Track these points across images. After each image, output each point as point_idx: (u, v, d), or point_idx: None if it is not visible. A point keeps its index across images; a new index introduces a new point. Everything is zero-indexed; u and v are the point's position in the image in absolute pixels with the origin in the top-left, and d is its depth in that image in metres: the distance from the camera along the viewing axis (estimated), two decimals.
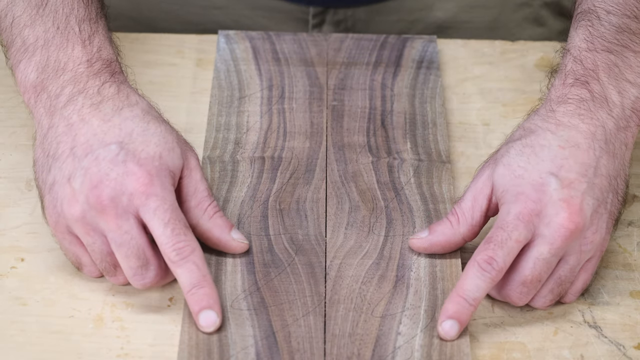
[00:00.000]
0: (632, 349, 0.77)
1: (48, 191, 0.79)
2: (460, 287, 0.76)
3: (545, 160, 0.79)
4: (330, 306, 0.77)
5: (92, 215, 0.77)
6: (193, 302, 0.76)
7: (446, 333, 0.75)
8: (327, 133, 0.93)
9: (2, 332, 0.77)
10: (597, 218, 0.78)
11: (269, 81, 0.98)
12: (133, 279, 0.78)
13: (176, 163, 0.80)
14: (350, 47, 1.02)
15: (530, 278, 0.77)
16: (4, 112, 0.95)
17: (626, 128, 0.81)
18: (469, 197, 0.81)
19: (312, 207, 0.85)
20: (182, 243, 0.76)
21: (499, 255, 0.76)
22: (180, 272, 0.76)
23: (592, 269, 0.80)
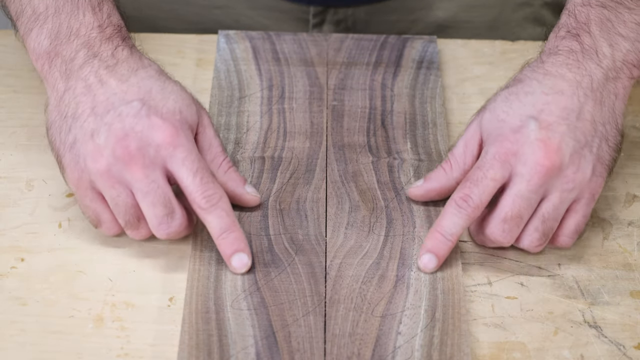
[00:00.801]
0: (632, 349, 0.77)
1: (69, 150, 0.81)
2: (439, 224, 0.81)
3: (527, 105, 0.82)
4: (330, 306, 0.77)
5: (118, 167, 0.79)
6: (225, 246, 0.80)
7: (424, 266, 0.80)
8: (327, 133, 0.93)
9: (2, 332, 0.77)
10: (579, 158, 0.80)
11: (269, 81, 0.98)
12: (159, 228, 0.80)
13: (194, 118, 0.83)
14: (350, 47, 1.02)
15: (510, 214, 0.80)
16: (4, 112, 0.95)
17: (616, 79, 0.83)
18: (461, 144, 0.85)
19: (312, 207, 0.85)
20: (210, 191, 0.79)
21: (474, 192, 0.80)
22: (211, 219, 0.79)
23: (583, 211, 0.82)
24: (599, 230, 0.86)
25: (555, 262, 0.83)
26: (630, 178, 0.91)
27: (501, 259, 0.83)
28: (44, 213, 0.86)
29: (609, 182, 0.90)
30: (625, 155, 0.93)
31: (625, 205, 0.89)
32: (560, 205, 0.81)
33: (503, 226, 0.80)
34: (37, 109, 0.95)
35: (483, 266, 0.83)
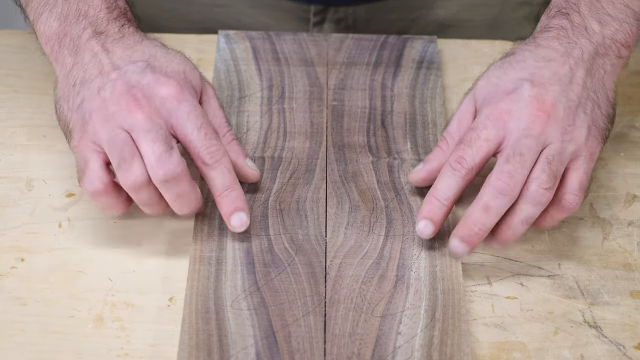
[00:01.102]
0: (632, 349, 0.77)
1: (76, 111, 0.82)
2: (434, 188, 0.81)
3: (520, 70, 0.84)
4: (330, 306, 0.77)
5: (122, 115, 0.80)
6: (225, 204, 0.80)
7: (421, 232, 0.80)
8: (327, 133, 0.93)
9: (2, 332, 0.77)
10: (574, 116, 0.81)
11: (269, 81, 0.98)
12: (156, 165, 0.78)
13: (198, 82, 0.85)
14: (350, 47, 1.02)
15: (512, 153, 0.79)
16: (4, 112, 0.95)
17: (605, 55, 0.85)
18: (454, 120, 0.86)
19: (312, 207, 0.85)
20: (214, 147, 0.80)
21: (468, 153, 0.80)
22: (214, 175, 0.80)
23: (583, 168, 0.81)
24: (599, 230, 0.86)
25: (555, 262, 0.83)
26: (630, 178, 0.91)
27: (501, 259, 0.83)
28: (44, 213, 0.86)
29: (608, 182, 0.90)
30: (625, 155, 0.93)
31: (625, 205, 0.89)
32: (561, 151, 0.80)
33: (507, 167, 0.78)
34: (37, 109, 0.95)
35: (483, 266, 0.83)
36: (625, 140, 0.95)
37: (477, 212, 0.79)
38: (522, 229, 0.79)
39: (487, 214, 0.78)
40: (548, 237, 0.85)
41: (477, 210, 0.79)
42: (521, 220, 0.79)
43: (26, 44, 1.02)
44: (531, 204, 0.79)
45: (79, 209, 0.86)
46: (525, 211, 0.79)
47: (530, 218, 0.79)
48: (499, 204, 0.78)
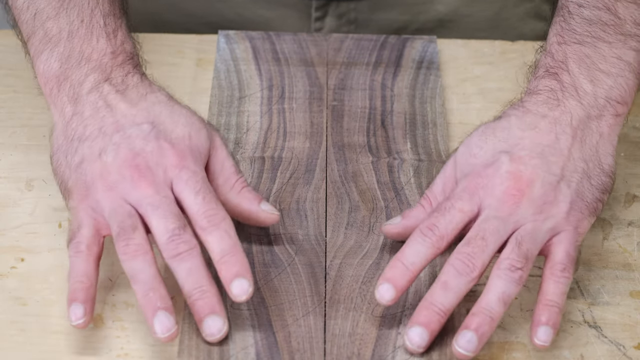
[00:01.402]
0: (632, 349, 0.77)
1: (75, 170, 0.79)
2: (401, 252, 0.76)
3: (502, 140, 0.80)
4: (330, 306, 0.77)
5: (126, 187, 0.77)
6: (225, 270, 0.75)
7: (381, 296, 0.75)
8: (327, 133, 0.93)
9: (2, 332, 0.77)
10: (554, 191, 0.78)
11: (269, 81, 0.98)
12: (169, 243, 0.75)
13: (204, 143, 0.81)
14: (350, 47, 1.02)
15: (474, 235, 0.76)
16: (4, 112, 0.95)
17: (599, 117, 0.81)
18: (439, 181, 0.82)
19: (312, 207, 0.85)
20: (213, 210, 0.76)
21: (440, 222, 0.77)
22: (211, 239, 0.76)
23: (568, 240, 0.77)
24: (599, 230, 0.86)
25: None
26: (630, 178, 0.91)
27: None
28: (44, 213, 0.86)
29: None
30: (625, 155, 0.93)
31: (625, 205, 0.89)
32: (534, 231, 0.76)
33: (467, 249, 0.75)
34: (37, 109, 0.95)
35: None
36: (625, 140, 0.95)
37: (437, 291, 0.75)
38: (499, 308, 0.74)
39: (446, 292, 0.74)
40: None
41: (436, 289, 0.75)
42: (497, 298, 0.74)
43: None
44: (503, 280, 0.74)
45: None
46: (500, 287, 0.74)
47: (506, 295, 0.74)
48: (458, 283, 0.74)
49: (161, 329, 0.73)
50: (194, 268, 0.75)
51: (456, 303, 0.74)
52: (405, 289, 0.75)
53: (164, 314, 0.73)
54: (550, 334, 0.74)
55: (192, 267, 0.75)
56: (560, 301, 0.75)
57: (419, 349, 0.74)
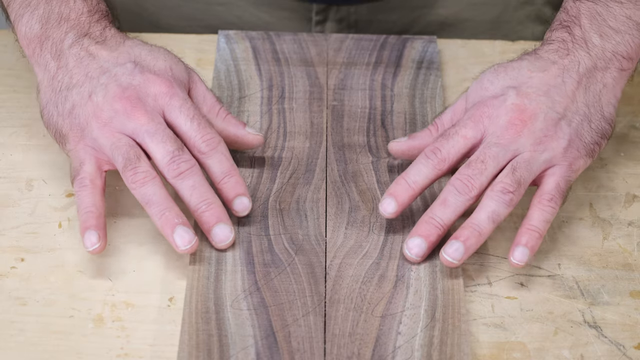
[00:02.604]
0: (632, 349, 0.77)
1: (67, 116, 0.84)
2: (405, 172, 0.83)
3: (512, 78, 0.86)
4: (330, 306, 0.77)
5: (120, 119, 0.82)
6: (227, 190, 0.82)
7: (384, 209, 0.82)
8: (327, 133, 0.93)
9: (2, 332, 0.77)
10: (554, 127, 0.83)
11: (269, 81, 0.98)
12: (170, 164, 0.80)
13: (184, 75, 0.87)
14: (350, 47, 1.02)
15: (475, 158, 0.82)
16: (4, 112, 0.95)
17: (605, 69, 0.86)
18: (449, 111, 0.89)
19: (312, 207, 0.85)
20: (209, 135, 0.83)
21: (444, 146, 0.83)
22: (211, 163, 0.82)
23: (560, 173, 0.83)
24: (599, 230, 0.86)
25: (555, 262, 0.83)
26: (630, 178, 0.91)
27: (501, 259, 0.83)
28: (44, 213, 0.86)
29: (608, 182, 0.90)
30: (625, 155, 0.93)
31: (625, 205, 0.89)
32: (530, 160, 0.82)
33: (467, 171, 0.81)
34: (37, 109, 0.95)
35: (483, 266, 0.83)
36: (625, 140, 0.95)
37: (436, 206, 0.81)
38: (487, 225, 0.80)
39: (445, 207, 0.81)
40: (548, 237, 0.85)
41: (436, 204, 0.81)
42: (487, 216, 0.80)
43: None
44: (495, 201, 0.80)
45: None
46: (490, 207, 0.80)
47: (495, 214, 0.80)
48: (456, 200, 0.81)
49: (182, 242, 0.78)
50: (197, 184, 0.81)
51: (454, 219, 0.81)
52: (406, 204, 0.82)
53: (183, 228, 0.79)
54: (526, 255, 0.80)
55: (195, 183, 0.81)
56: (542, 228, 0.81)
57: (417, 258, 0.80)
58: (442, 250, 0.79)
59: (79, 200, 0.81)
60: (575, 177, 0.84)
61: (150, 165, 0.81)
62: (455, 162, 0.83)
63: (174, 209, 0.80)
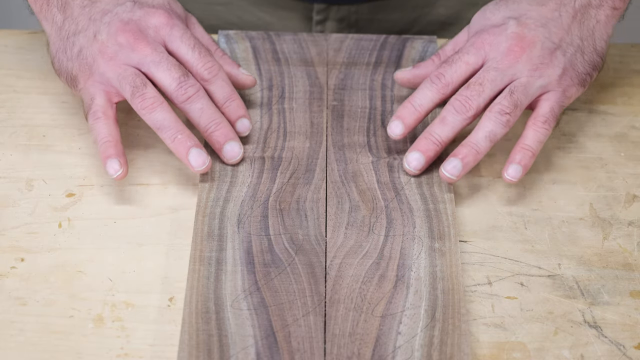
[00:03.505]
0: (632, 349, 0.77)
1: (76, 59, 0.88)
2: (411, 96, 0.89)
3: (512, 10, 0.91)
4: (330, 306, 0.77)
5: (125, 52, 0.86)
6: (229, 113, 0.89)
7: (392, 131, 0.89)
8: (327, 133, 0.93)
9: (2, 332, 0.77)
10: (550, 55, 0.88)
11: (269, 81, 0.98)
12: (178, 89, 0.85)
13: (182, 12, 0.92)
14: (350, 47, 1.02)
15: (474, 80, 0.87)
16: (4, 112, 0.95)
17: (599, 7, 0.91)
18: (451, 42, 0.95)
19: (312, 207, 0.85)
20: (210, 63, 0.88)
21: (447, 71, 0.89)
22: (214, 89, 0.88)
23: (554, 98, 0.88)
24: (599, 230, 0.86)
25: (555, 262, 0.83)
26: (630, 178, 0.91)
27: (501, 259, 0.83)
28: (44, 213, 0.86)
29: (608, 182, 0.90)
30: (625, 155, 0.93)
31: (625, 205, 0.89)
32: (527, 84, 0.87)
33: (466, 92, 0.87)
34: (37, 109, 0.95)
35: (483, 266, 0.83)
36: (625, 140, 0.95)
37: (435, 124, 0.87)
38: (485, 144, 0.86)
39: (443, 125, 0.86)
40: (548, 237, 0.85)
41: (435, 122, 0.87)
42: (485, 135, 0.85)
43: (25, 44, 1.02)
44: (492, 122, 0.85)
45: (79, 209, 0.86)
46: (488, 127, 0.86)
47: (492, 134, 0.86)
48: (454, 119, 0.86)
49: (197, 164, 0.84)
50: (205, 106, 0.86)
51: (451, 137, 0.87)
52: (412, 126, 0.89)
53: (196, 150, 0.84)
54: (520, 172, 0.86)
55: (202, 106, 0.86)
56: (535, 147, 0.87)
57: (415, 171, 0.87)
58: (442, 167, 0.85)
59: (95, 132, 0.85)
60: (567, 104, 0.90)
61: (157, 91, 0.85)
62: (458, 87, 0.89)
63: (185, 132, 0.85)
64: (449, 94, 0.89)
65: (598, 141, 0.94)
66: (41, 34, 1.03)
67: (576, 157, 0.93)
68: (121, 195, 0.87)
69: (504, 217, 0.87)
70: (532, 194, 0.89)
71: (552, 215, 0.87)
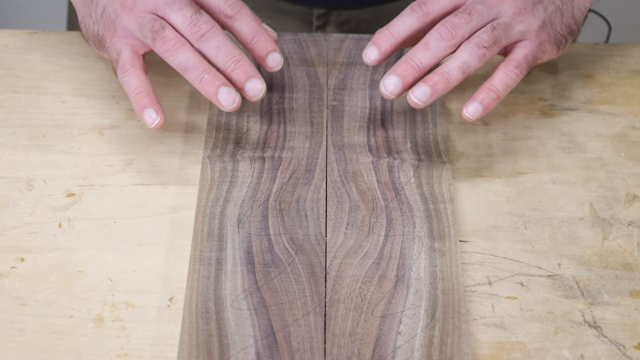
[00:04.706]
0: (632, 349, 0.77)
1: (101, 19, 0.88)
2: (390, 23, 0.88)
3: None
4: (330, 306, 0.77)
5: (142, 1, 0.86)
6: (259, 48, 0.88)
7: (366, 56, 0.88)
8: (327, 133, 0.93)
9: (2, 332, 0.77)
10: (534, 6, 0.88)
11: (269, 81, 0.98)
12: (191, 25, 0.84)
13: None
14: (350, 47, 1.02)
15: (462, 10, 0.86)
16: (4, 112, 0.95)
17: None
18: None
19: (312, 207, 0.85)
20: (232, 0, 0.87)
21: (429, 0, 0.88)
22: (239, 25, 0.87)
23: (530, 47, 0.88)
24: (599, 230, 0.86)
25: (555, 262, 0.83)
26: (630, 178, 0.91)
27: (501, 259, 0.83)
28: (44, 213, 0.86)
29: (608, 182, 0.90)
30: (625, 155, 0.93)
31: (625, 205, 0.89)
32: (509, 25, 0.87)
33: (453, 19, 0.86)
34: (37, 109, 0.95)
35: (483, 266, 0.83)
36: (625, 140, 0.95)
37: (417, 49, 0.86)
38: (457, 74, 0.85)
39: (425, 51, 0.86)
40: (548, 237, 0.85)
41: (418, 47, 0.86)
42: (458, 65, 0.85)
43: (25, 44, 1.02)
44: (468, 53, 0.85)
45: (79, 209, 0.86)
46: (463, 57, 0.85)
47: (466, 65, 0.85)
48: (438, 45, 0.86)
49: (227, 102, 0.84)
50: (221, 44, 0.85)
51: (432, 63, 0.86)
52: (388, 52, 0.88)
53: (225, 89, 0.84)
54: (479, 111, 0.86)
55: (219, 43, 0.85)
56: (501, 90, 0.86)
57: (392, 96, 0.87)
58: (410, 92, 0.86)
59: (125, 85, 0.85)
60: (542, 59, 0.90)
61: (176, 33, 0.85)
62: (438, 18, 0.87)
63: (212, 71, 0.84)
64: (428, 23, 0.88)
65: (598, 141, 0.94)
66: (41, 34, 1.03)
67: (576, 157, 0.93)
68: (121, 195, 0.87)
69: (504, 217, 0.87)
70: (532, 194, 0.89)
71: (552, 215, 0.87)
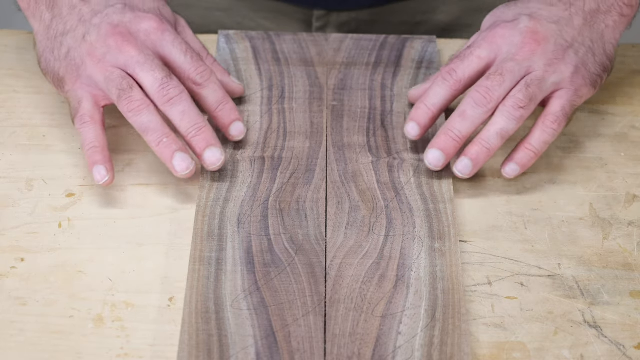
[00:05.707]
0: (632, 349, 0.77)
1: (64, 59, 0.87)
2: (424, 95, 0.89)
3: (523, 8, 0.91)
4: (330, 306, 0.77)
5: (113, 54, 0.85)
6: (223, 117, 0.88)
7: (408, 132, 0.88)
8: (327, 133, 0.93)
9: (2, 332, 0.77)
10: (563, 53, 0.88)
11: (269, 81, 0.98)
12: (160, 91, 0.84)
13: (171, 16, 0.92)
14: (350, 47, 1.02)
15: (494, 71, 0.86)
16: (4, 112, 0.95)
17: (607, 12, 0.91)
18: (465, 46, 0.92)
19: (312, 207, 0.85)
20: (202, 67, 0.87)
21: (459, 66, 0.88)
22: (206, 93, 0.88)
23: (566, 97, 0.87)
24: (599, 230, 0.86)
25: (555, 262, 0.83)
26: (630, 178, 0.91)
27: (501, 259, 0.83)
28: (44, 213, 0.86)
29: (608, 182, 0.90)
30: (625, 155, 0.93)
31: (625, 205, 0.89)
32: (542, 79, 0.86)
33: (486, 83, 0.85)
34: (37, 109, 0.95)
35: (483, 266, 0.83)
36: (625, 140, 0.95)
37: (455, 119, 0.86)
38: (496, 141, 0.85)
39: (463, 120, 0.85)
40: (548, 237, 0.85)
41: (454, 117, 0.86)
42: (496, 132, 0.85)
43: (25, 44, 1.02)
44: (505, 117, 0.85)
45: (79, 209, 0.86)
46: (500, 124, 0.85)
47: (504, 131, 0.85)
48: (475, 113, 0.85)
49: (181, 168, 0.83)
50: (187, 109, 0.85)
51: (471, 131, 0.86)
52: (427, 126, 0.88)
53: (181, 155, 0.83)
54: (517, 171, 0.87)
55: (185, 109, 0.85)
56: (539, 148, 0.87)
57: (436, 169, 0.87)
58: (454, 166, 0.86)
59: (82, 137, 0.85)
60: (579, 104, 0.89)
61: (143, 94, 0.85)
62: (471, 83, 0.88)
63: (171, 136, 0.84)
64: (461, 90, 0.88)
65: (598, 141, 0.94)
66: None
67: (576, 157, 0.93)
68: (121, 195, 0.87)
69: (504, 217, 0.87)
70: (532, 194, 0.89)
71: (552, 215, 0.87)
